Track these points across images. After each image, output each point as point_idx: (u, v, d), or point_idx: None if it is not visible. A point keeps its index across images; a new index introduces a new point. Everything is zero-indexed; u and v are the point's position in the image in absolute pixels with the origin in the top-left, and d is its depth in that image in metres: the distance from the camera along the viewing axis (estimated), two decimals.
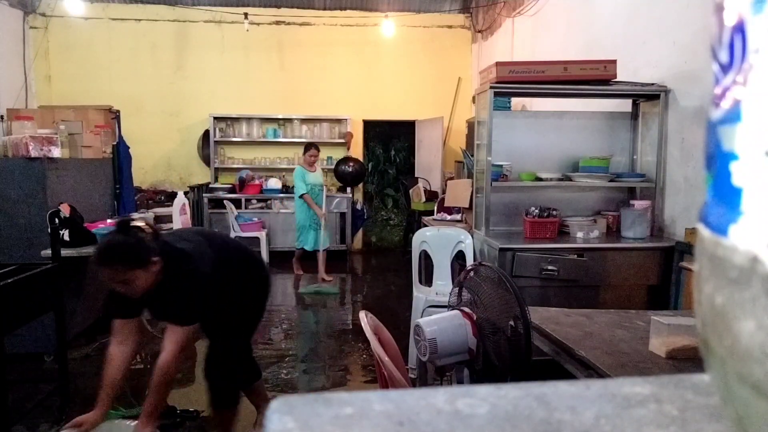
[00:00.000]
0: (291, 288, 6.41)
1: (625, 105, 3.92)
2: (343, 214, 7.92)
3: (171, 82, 8.07)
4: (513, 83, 3.46)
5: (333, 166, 8.08)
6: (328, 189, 8.47)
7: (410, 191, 8.01)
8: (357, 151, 8.48)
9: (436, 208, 5.71)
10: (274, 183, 7.88)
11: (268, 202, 7.75)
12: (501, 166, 3.63)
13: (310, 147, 6.24)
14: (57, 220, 3.34)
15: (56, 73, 7.88)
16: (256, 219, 7.45)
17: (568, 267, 3.23)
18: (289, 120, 8.17)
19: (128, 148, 5.81)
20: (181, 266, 2.12)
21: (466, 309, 2.10)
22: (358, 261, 8.07)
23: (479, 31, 7.97)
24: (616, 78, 3.48)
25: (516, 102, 5.53)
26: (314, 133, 8.21)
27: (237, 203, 7.53)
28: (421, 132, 8.51)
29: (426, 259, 4.02)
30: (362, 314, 2.01)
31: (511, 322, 1.91)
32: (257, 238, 7.24)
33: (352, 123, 8.26)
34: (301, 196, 6.08)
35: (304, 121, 8.20)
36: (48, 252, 3.38)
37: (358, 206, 8.27)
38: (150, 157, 7.89)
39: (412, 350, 3.39)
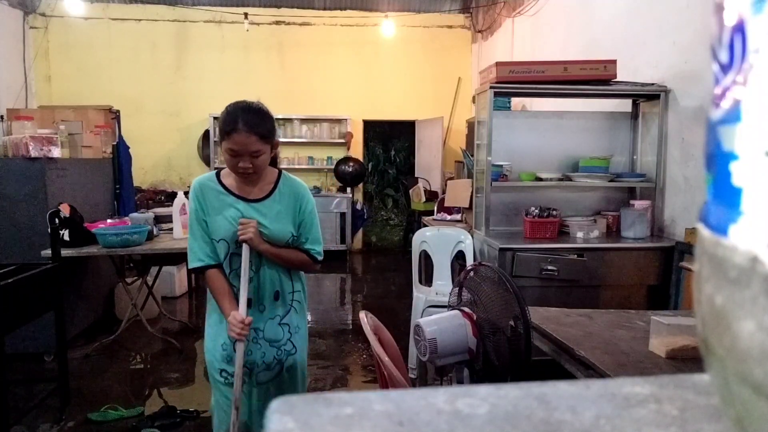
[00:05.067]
0: None
1: (625, 105, 3.92)
2: (343, 214, 7.92)
3: (171, 82, 8.07)
4: (513, 83, 3.46)
5: (333, 166, 8.10)
6: (327, 190, 8.52)
7: (410, 191, 8.01)
8: (357, 151, 8.48)
9: (436, 208, 5.71)
10: None
11: None
12: (501, 166, 3.63)
13: (234, 124, 1.84)
14: (57, 220, 3.34)
15: (56, 73, 7.87)
16: None
17: (568, 267, 3.23)
18: (289, 120, 8.16)
19: (128, 148, 5.81)
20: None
21: (466, 309, 2.10)
22: (358, 261, 8.07)
23: (479, 31, 7.97)
24: (616, 78, 3.48)
25: (516, 102, 5.53)
26: (314, 133, 8.21)
27: None
28: (421, 132, 8.51)
29: (426, 259, 4.02)
30: (362, 314, 2.01)
31: (511, 322, 1.91)
32: None
33: (352, 123, 8.26)
34: (194, 271, 2.03)
35: (304, 121, 8.20)
36: (48, 252, 3.38)
37: (358, 206, 8.27)
38: (150, 157, 7.89)
39: (412, 350, 3.39)
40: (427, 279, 4.07)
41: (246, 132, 1.81)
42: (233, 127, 1.81)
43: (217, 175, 2.00)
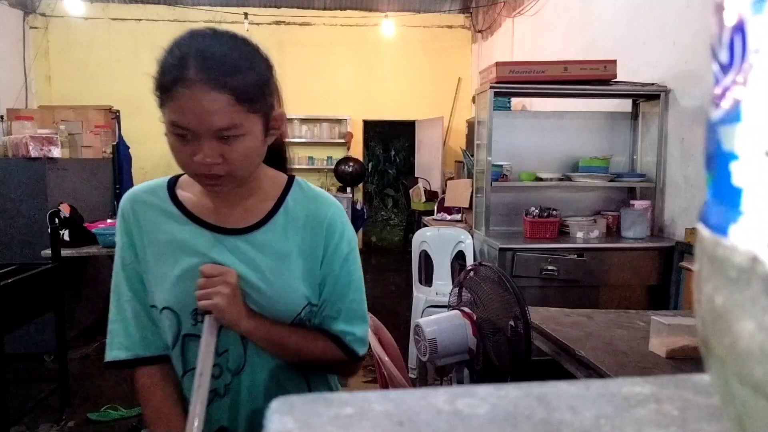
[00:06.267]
0: None
1: (625, 105, 3.92)
2: None
3: None
4: (513, 83, 3.46)
5: (333, 166, 8.10)
6: (327, 190, 8.51)
7: (410, 191, 8.01)
8: (357, 151, 8.48)
9: (436, 208, 5.71)
10: None
11: None
12: (501, 166, 3.63)
13: (181, 68, 0.86)
14: (57, 220, 3.34)
15: (56, 73, 7.87)
16: None
17: (568, 267, 3.23)
18: (289, 120, 8.16)
19: (128, 148, 5.82)
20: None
21: (466, 309, 2.10)
22: None
23: (479, 31, 7.97)
24: (616, 78, 3.48)
25: (516, 102, 5.53)
26: (314, 133, 8.21)
27: None
28: (421, 132, 8.52)
29: (426, 259, 4.02)
30: None
31: (511, 322, 1.91)
32: None
33: (352, 123, 8.26)
34: (112, 367, 1.04)
35: (304, 121, 8.20)
36: (48, 252, 3.38)
37: (358, 206, 8.26)
38: (150, 157, 7.88)
39: (412, 350, 3.39)
40: (427, 279, 4.07)
41: (203, 83, 0.85)
42: (178, 74, 0.86)
43: (171, 185, 1.06)
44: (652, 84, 3.57)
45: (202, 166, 0.91)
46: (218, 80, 0.86)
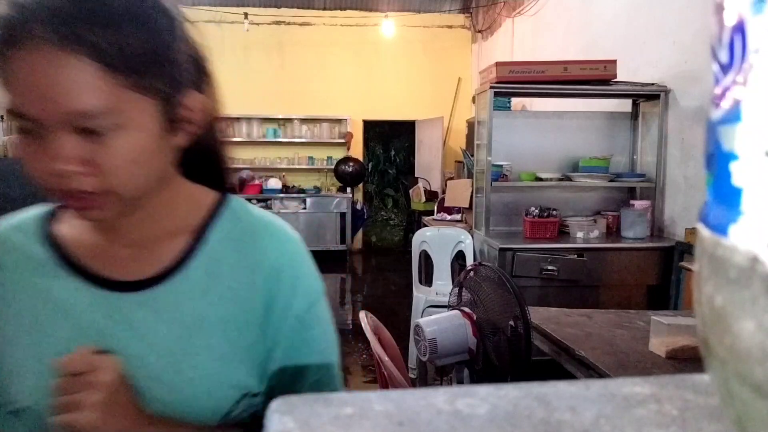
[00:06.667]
0: None
1: (625, 105, 3.93)
2: (343, 214, 7.91)
3: None
4: (513, 83, 3.46)
5: (333, 166, 8.10)
6: (327, 190, 8.52)
7: (410, 191, 8.02)
8: (357, 151, 8.48)
9: (436, 208, 5.72)
10: (274, 183, 7.89)
11: (268, 202, 7.75)
12: (501, 166, 3.63)
13: (21, 24, 0.52)
14: None
15: None
16: None
17: (568, 267, 3.23)
18: (289, 120, 8.17)
19: None
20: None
21: (466, 309, 2.10)
22: (358, 261, 8.07)
23: (479, 31, 7.97)
24: (616, 78, 3.48)
25: (516, 102, 5.53)
26: (314, 133, 8.22)
27: None
28: (421, 132, 8.52)
29: (426, 259, 4.02)
30: (362, 314, 2.02)
31: (511, 322, 1.91)
32: None
33: (352, 123, 8.26)
34: None
35: (304, 121, 8.20)
36: None
37: (358, 206, 8.27)
38: None
39: (412, 350, 3.39)
40: (427, 279, 4.07)
41: (51, 44, 0.52)
42: (15, 30, 0.52)
43: (48, 216, 0.73)
44: (652, 84, 3.57)
45: (52, 177, 0.56)
46: (75, 37, 0.52)
